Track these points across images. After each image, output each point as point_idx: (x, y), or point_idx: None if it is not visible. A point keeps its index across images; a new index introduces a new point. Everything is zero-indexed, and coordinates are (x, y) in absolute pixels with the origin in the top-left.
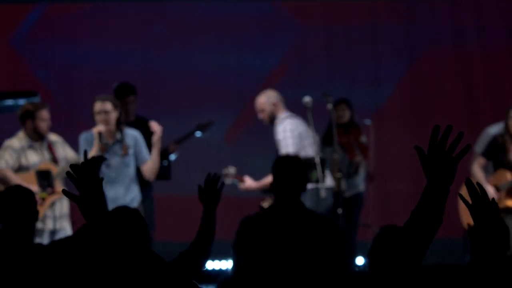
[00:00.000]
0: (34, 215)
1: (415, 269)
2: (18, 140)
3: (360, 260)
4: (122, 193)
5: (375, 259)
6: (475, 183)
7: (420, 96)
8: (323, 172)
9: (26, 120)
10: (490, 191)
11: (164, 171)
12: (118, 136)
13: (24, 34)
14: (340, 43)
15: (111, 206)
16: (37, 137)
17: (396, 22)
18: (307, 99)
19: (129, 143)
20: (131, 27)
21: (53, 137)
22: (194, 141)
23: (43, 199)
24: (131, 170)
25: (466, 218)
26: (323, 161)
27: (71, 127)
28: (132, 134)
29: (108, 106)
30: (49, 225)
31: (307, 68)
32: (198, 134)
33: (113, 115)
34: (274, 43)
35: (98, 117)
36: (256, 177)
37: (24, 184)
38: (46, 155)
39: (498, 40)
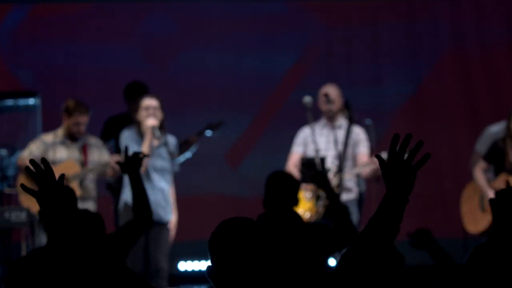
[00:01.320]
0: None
1: (371, 273)
2: (53, 135)
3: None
4: (161, 197)
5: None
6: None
7: (420, 95)
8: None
9: (63, 115)
10: (491, 195)
11: None
12: (162, 139)
13: (4, 34)
14: (341, 43)
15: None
16: (71, 136)
17: (397, 22)
18: (307, 99)
19: (172, 150)
20: (127, 27)
21: (93, 140)
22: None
23: None
24: (171, 176)
25: (468, 220)
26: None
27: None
28: (172, 141)
29: (155, 102)
30: None
31: (307, 68)
32: (208, 133)
33: (159, 113)
34: (285, 45)
35: (145, 113)
36: (260, 177)
37: None
38: (76, 154)
39: (499, 40)
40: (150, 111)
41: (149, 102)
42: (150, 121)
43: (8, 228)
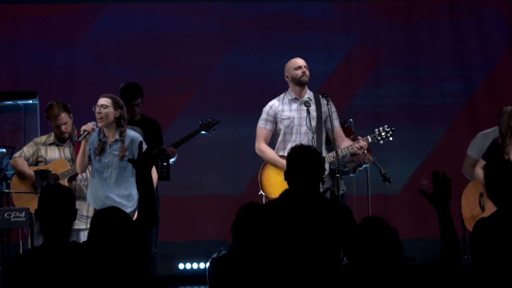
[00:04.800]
0: (72, 213)
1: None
2: (46, 137)
3: None
4: (116, 193)
5: (356, 250)
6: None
7: (418, 95)
8: (323, 172)
9: (48, 120)
10: None
11: (163, 172)
12: (117, 136)
13: None
14: (339, 42)
15: (100, 206)
16: (59, 138)
17: (396, 21)
18: (306, 98)
19: (127, 145)
20: (126, 26)
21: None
22: (194, 142)
23: None
24: (127, 172)
25: (468, 219)
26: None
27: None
28: (129, 135)
29: (104, 101)
30: None
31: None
32: (203, 133)
33: (110, 111)
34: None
35: (96, 112)
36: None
37: (28, 171)
38: (67, 154)
39: (499, 39)
40: (97, 110)
41: (100, 101)
42: (85, 125)
43: (8, 228)
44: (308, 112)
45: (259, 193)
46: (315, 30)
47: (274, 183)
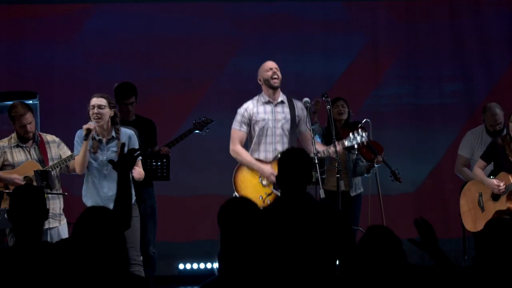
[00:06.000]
0: (43, 213)
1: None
2: (7, 140)
3: None
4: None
5: (362, 258)
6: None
7: (417, 96)
8: (323, 173)
9: (11, 121)
10: (494, 185)
11: (163, 172)
12: (113, 133)
13: None
14: (340, 43)
15: (104, 202)
16: (23, 138)
17: (396, 21)
18: (306, 99)
19: (125, 142)
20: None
21: (50, 137)
22: (194, 142)
23: None
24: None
25: (467, 219)
26: (322, 161)
27: None
28: (125, 132)
29: (100, 101)
30: None
31: (305, 67)
32: (196, 132)
33: (106, 111)
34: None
35: (91, 112)
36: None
37: (1, 174)
38: (34, 154)
39: (499, 39)
40: (94, 110)
41: (95, 101)
42: (86, 125)
43: (8, 229)
44: (309, 113)
45: (234, 195)
46: (317, 31)
47: (249, 185)
